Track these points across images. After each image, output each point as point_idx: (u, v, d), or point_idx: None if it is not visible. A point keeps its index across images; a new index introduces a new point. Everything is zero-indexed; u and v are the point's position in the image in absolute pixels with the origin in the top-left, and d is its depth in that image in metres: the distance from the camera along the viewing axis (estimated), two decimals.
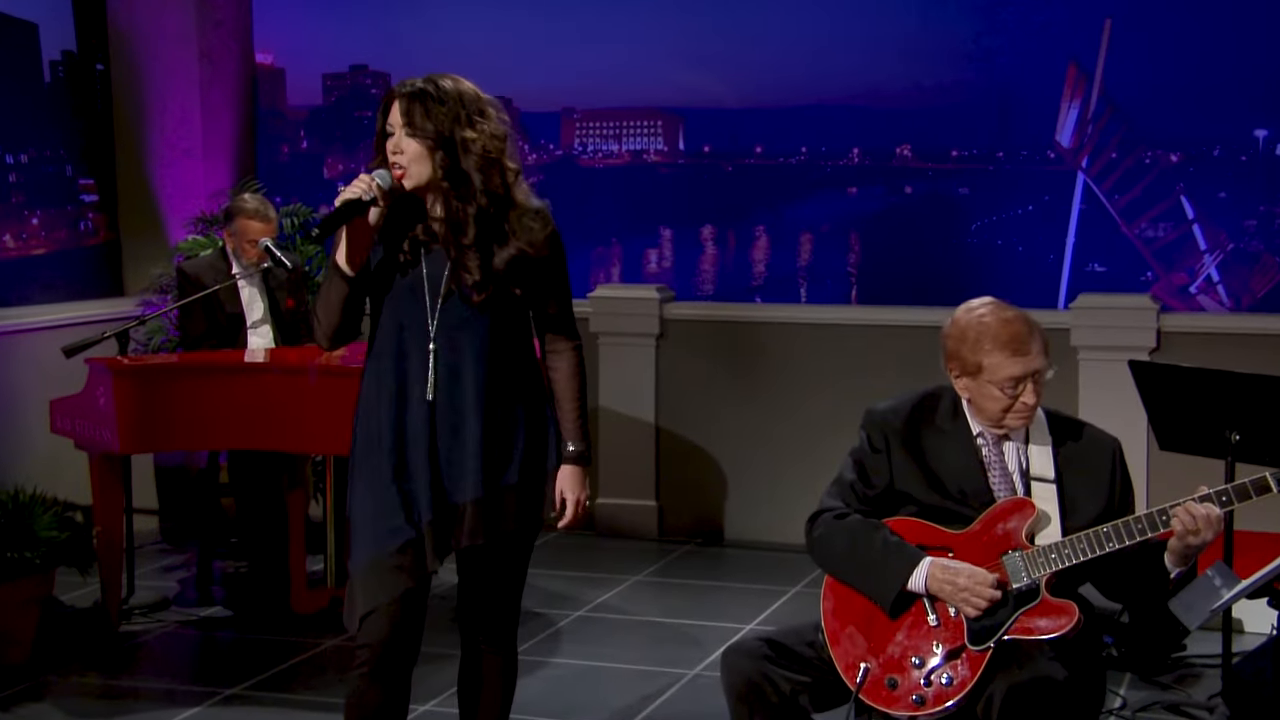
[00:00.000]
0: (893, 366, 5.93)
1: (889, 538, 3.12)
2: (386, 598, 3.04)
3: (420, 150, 2.99)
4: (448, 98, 2.99)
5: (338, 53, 7.09)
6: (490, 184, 3.01)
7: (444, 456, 3.05)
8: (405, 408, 3.05)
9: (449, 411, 3.04)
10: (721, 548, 6.32)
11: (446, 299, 3.03)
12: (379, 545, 3.05)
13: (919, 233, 6.41)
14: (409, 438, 3.05)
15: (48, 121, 6.52)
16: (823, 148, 6.53)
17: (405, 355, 3.05)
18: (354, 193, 2.96)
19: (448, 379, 3.04)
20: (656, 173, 6.79)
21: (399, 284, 3.06)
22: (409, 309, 3.05)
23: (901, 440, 3.19)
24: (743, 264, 6.70)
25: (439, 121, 2.97)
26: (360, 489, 3.10)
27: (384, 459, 3.06)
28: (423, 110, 2.97)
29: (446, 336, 3.04)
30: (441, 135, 2.98)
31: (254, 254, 5.41)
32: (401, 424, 3.05)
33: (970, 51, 6.30)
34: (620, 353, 6.44)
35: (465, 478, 3.05)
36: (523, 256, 3.05)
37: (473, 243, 3.01)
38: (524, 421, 3.11)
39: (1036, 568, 3.04)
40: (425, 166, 3.00)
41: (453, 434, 3.04)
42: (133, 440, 4.80)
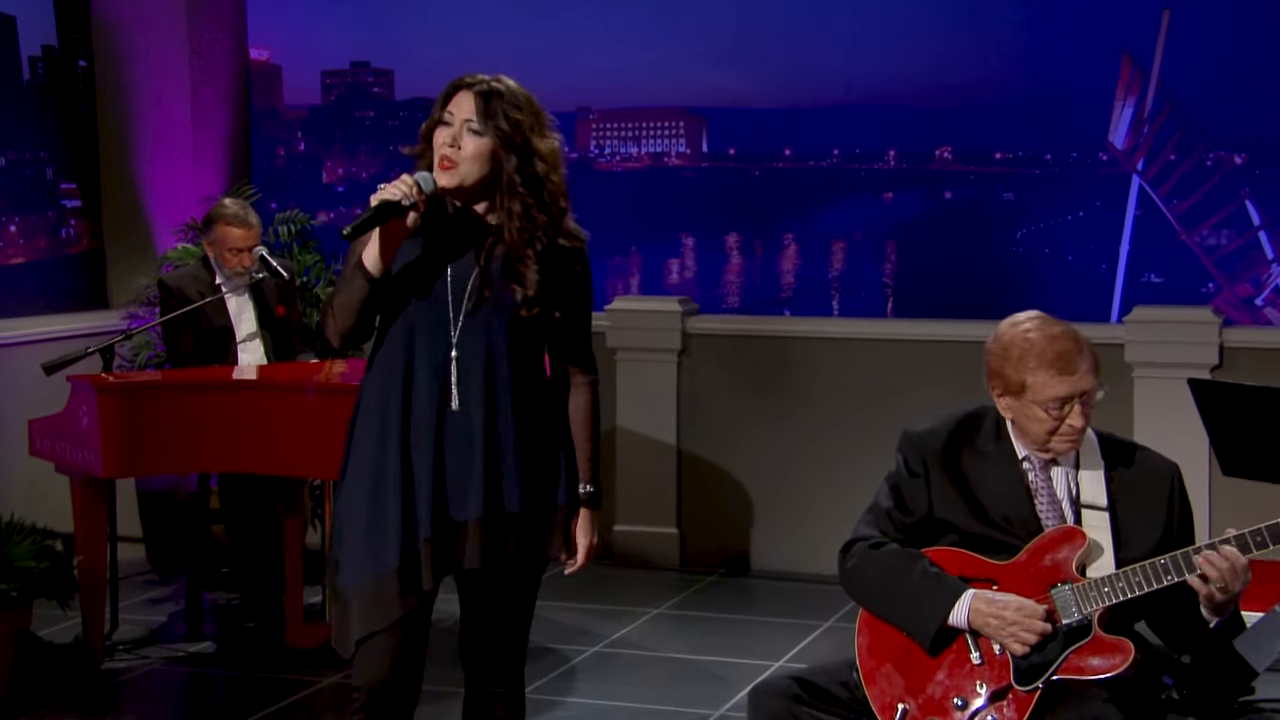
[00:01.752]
0: (931, 385, 5.93)
1: (928, 568, 3.12)
2: (383, 623, 3.05)
3: (483, 149, 3.03)
4: (523, 102, 3.06)
5: (337, 48, 7.13)
6: (558, 200, 3.07)
7: (450, 472, 3.07)
8: (413, 415, 3.07)
9: (460, 424, 3.07)
10: (748, 579, 6.32)
11: (475, 306, 3.07)
12: (376, 564, 3.06)
13: (960, 241, 6.41)
14: (414, 449, 3.07)
15: (27, 121, 6.56)
16: (856, 150, 6.54)
17: (420, 361, 3.08)
18: (393, 194, 2.99)
19: (466, 389, 3.06)
20: (678, 177, 6.81)
21: (420, 287, 3.08)
22: (428, 313, 3.08)
23: (941, 464, 3.20)
24: (770, 274, 6.71)
25: (514, 124, 3.03)
26: (355, 498, 3.11)
27: (385, 469, 3.07)
28: (500, 109, 3.03)
29: (467, 345, 3.07)
30: (514, 139, 3.03)
31: (234, 263, 5.45)
32: (406, 431, 3.07)
33: (1016, 45, 6.31)
34: (639, 369, 6.46)
35: (469, 495, 3.06)
36: (560, 281, 3.10)
37: (538, 255, 3.05)
38: (536, 449, 3.13)
39: (1088, 602, 3.05)
40: (482, 167, 3.04)
41: (461, 449, 3.07)
42: (118, 463, 4.83)
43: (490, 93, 3.04)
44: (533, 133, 3.05)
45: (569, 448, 3.19)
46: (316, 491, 5.98)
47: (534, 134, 3.05)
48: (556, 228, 3.08)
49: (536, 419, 3.13)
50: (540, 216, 3.05)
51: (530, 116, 3.06)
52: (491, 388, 3.07)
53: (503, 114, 3.02)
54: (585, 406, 3.20)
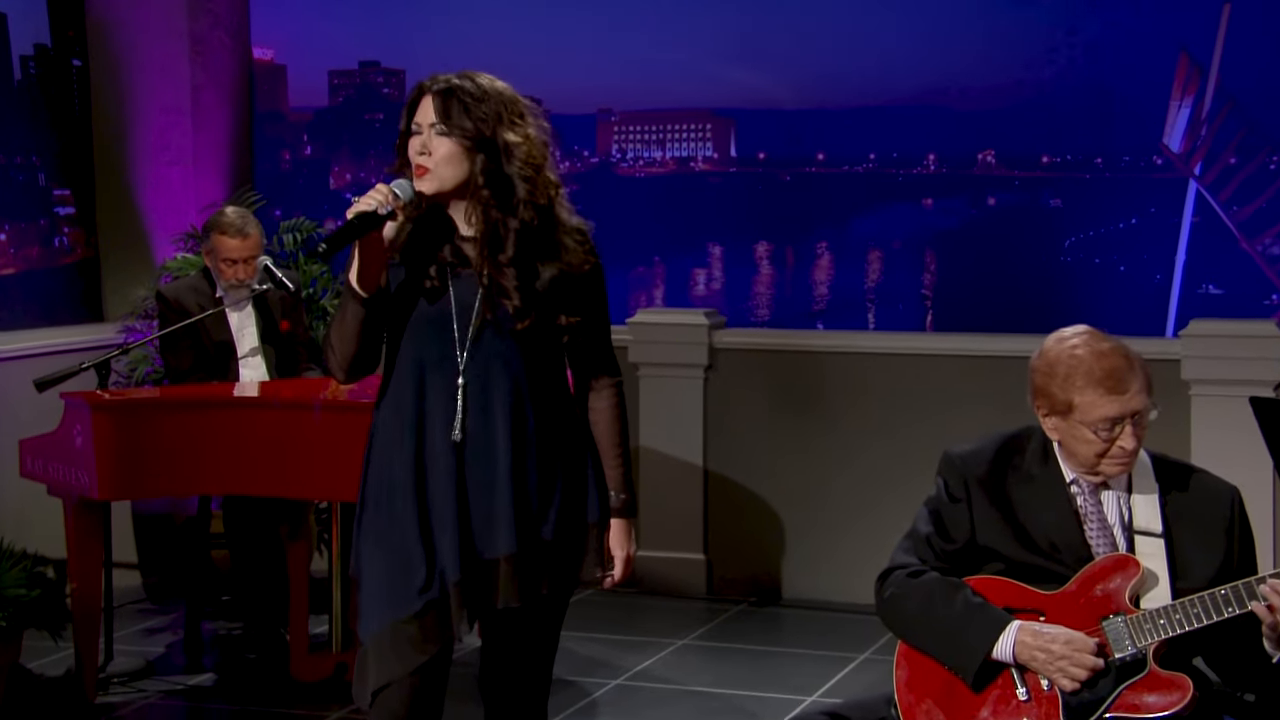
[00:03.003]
0: (973, 403, 5.92)
1: (971, 599, 3.12)
2: (404, 670, 3.05)
3: (453, 151, 3.02)
4: (487, 95, 3.03)
5: (345, 48, 7.16)
6: (534, 196, 3.04)
7: (474, 506, 3.06)
8: (427, 450, 3.07)
9: (479, 455, 3.06)
10: (779, 608, 6.32)
11: (479, 329, 3.06)
12: (396, 609, 3.05)
13: (1004, 250, 6.40)
14: (431, 485, 3.06)
15: (18, 124, 6.59)
16: (894, 154, 6.54)
17: (428, 391, 3.07)
18: (367, 205, 2.98)
19: (478, 418, 3.06)
20: (705, 182, 6.82)
21: (422, 312, 3.08)
22: (434, 340, 3.07)
23: (984, 488, 3.19)
24: (802, 285, 6.71)
25: (479, 120, 3.01)
26: (371, 543, 3.11)
27: (402, 508, 3.07)
28: (460, 107, 3.01)
29: (477, 371, 3.06)
30: (482, 135, 3.01)
31: (230, 275, 5.47)
32: (422, 469, 3.07)
33: (1064, 43, 6.31)
34: (663, 386, 6.46)
35: (498, 530, 3.05)
36: (564, 280, 3.08)
37: (511, 260, 3.03)
38: (562, 468, 3.13)
39: (1143, 635, 3.04)
40: (457, 170, 3.03)
41: (483, 481, 3.06)
42: (114, 485, 4.85)
43: (449, 90, 3.03)
44: (501, 125, 3.02)
45: (596, 461, 3.18)
46: (323, 515, 5.99)
47: (502, 126, 3.02)
48: (547, 224, 3.05)
49: (561, 438, 3.13)
50: (509, 219, 3.02)
51: (497, 108, 3.02)
52: (508, 413, 3.06)
53: (464, 111, 3.01)
54: (610, 410, 3.19)
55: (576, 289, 3.11)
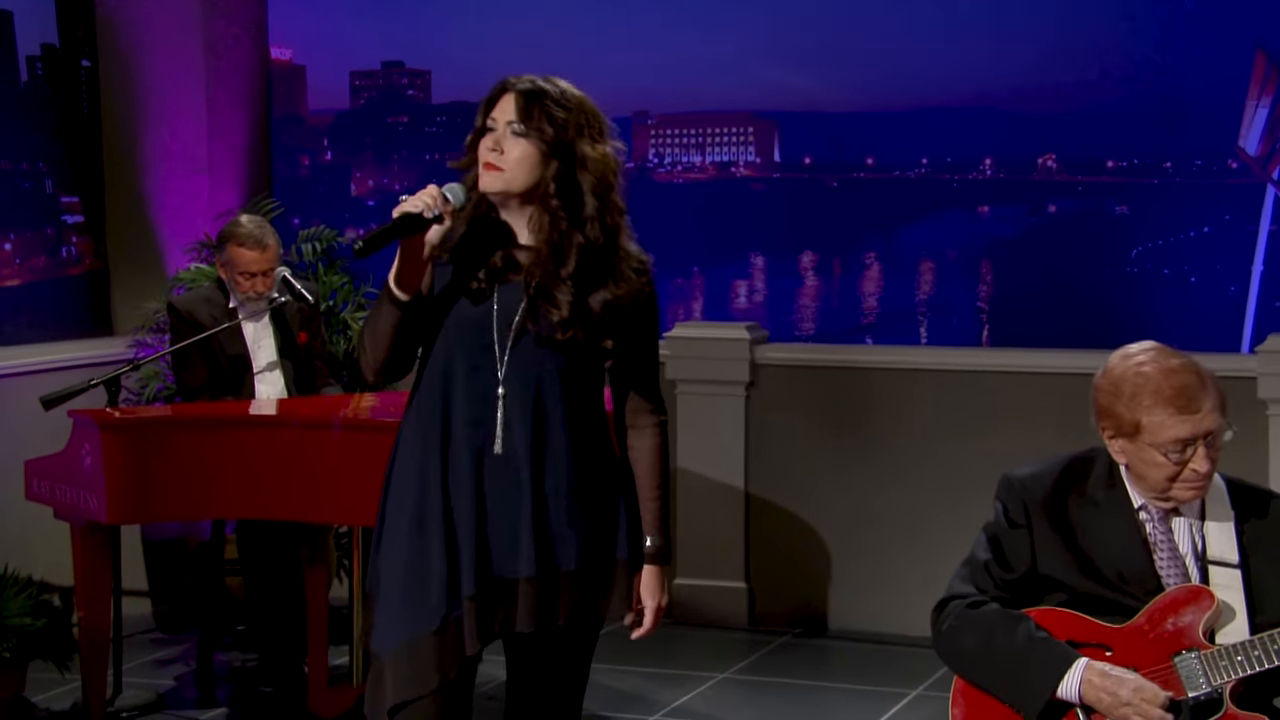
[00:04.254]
0: (1033, 424, 5.90)
1: (1034, 632, 3.11)
2: (422, 690, 3.06)
3: (528, 153, 3.06)
4: (571, 103, 3.09)
5: (368, 47, 7.18)
6: (603, 214, 3.07)
7: (497, 522, 3.08)
8: (454, 460, 3.09)
9: (508, 470, 3.08)
10: (825, 640, 6.30)
11: (519, 339, 3.08)
12: (413, 625, 3.07)
13: (1066, 260, 6.38)
14: (456, 496, 3.09)
15: (24, 128, 6.62)
16: (948, 158, 6.52)
17: (462, 398, 3.09)
18: (414, 206, 3.01)
19: (512, 432, 3.08)
20: (747, 189, 6.82)
21: (462, 316, 3.10)
22: (472, 346, 3.09)
23: (1046, 514, 3.19)
24: (850, 298, 6.70)
25: (559, 126, 3.06)
26: (390, 554, 3.12)
27: (426, 519, 3.08)
28: (542, 109, 3.06)
29: (515, 382, 3.08)
30: (560, 142, 3.06)
31: (247, 288, 5.49)
32: (446, 479, 3.09)
33: (1131, 39, 6.28)
34: (703, 404, 6.46)
35: (517, 550, 3.07)
36: (616, 308, 3.10)
37: (570, 276, 3.06)
38: (592, 497, 3.13)
39: (1218, 672, 3.02)
40: (528, 173, 3.06)
41: (508, 497, 3.08)
42: (124, 508, 4.86)
43: (533, 92, 3.07)
44: (581, 137, 3.07)
45: (631, 496, 3.19)
46: (343, 540, 6.01)
47: (582, 138, 3.07)
48: (610, 248, 3.09)
49: (593, 463, 3.14)
50: (575, 234, 3.06)
51: (579, 118, 3.08)
52: (541, 429, 3.08)
53: (545, 115, 3.05)
54: (652, 450, 3.20)
55: (627, 318, 3.12)
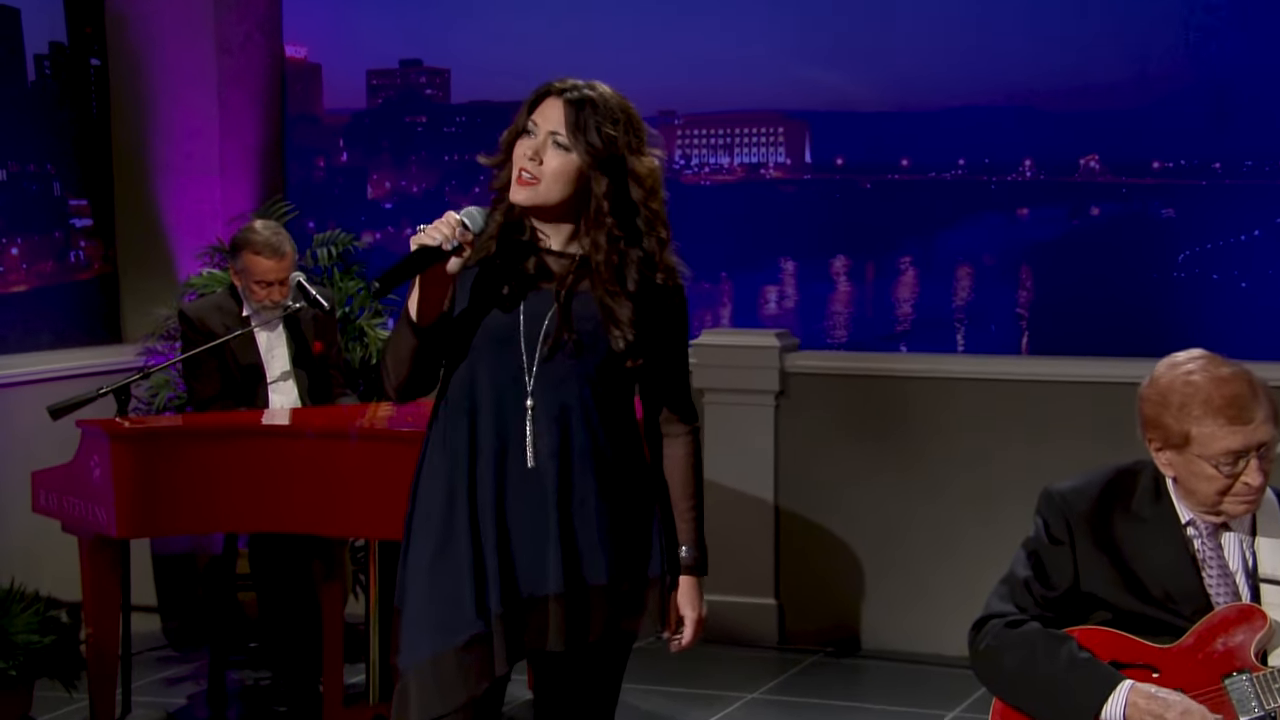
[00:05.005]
0: (1075, 435, 5.88)
1: (1076, 652, 3.11)
2: (447, 707, 3.07)
3: (570, 167, 3.05)
4: (619, 115, 3.07)
5: (385, 45, 7.20)
6: (656, 229, 3.08)
7: (523, 537, 3.09)
8: (481, 475, 3.10)
9: (533, 484, 3.09)
10: (858, 659, 6.29)
11: (550, 351, 3.09)
12: (440, 640, 3.07)
13: (1109, 265, 6.37)
14: (484, 512, 3.10)
15: (31, 129, 6.65)
16: (985, 159, 6.51)
17: (490, 412, 3.10)
18: (431, 239, 3.00)
19: (542, 444, 3.09)
20: (777, 191, 6.81)
21: (488, 328, 3.11)
22: (500, 357, 3.10)
23: (1089, 529, 3.18)
24: (884, 304, 6.69)
25: (608, 140, 3.04)
26: (418, 569, 3.13)
27: (454, 534, 3.09)
28: (592, 122, 3.05)
29: (544, 394, 3.09)
30: (611, 156, 3.05)
31: (262, 297, 5.49)
32: (474, 493, 3.10)
33: (1177, 34, 6.26)
34: (731, 414, 6.45)
35: (547, 567, 3.08)
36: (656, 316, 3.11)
37: (633, 295, 3.07)
38: (624, 512, 3.14)
39: (1271, 695, 3.01)
40: (565, 187, 3.06)
41: (534, 511, 3.09)
42: (134, 521, 4.87)
43: (583, 101, 3.06)
44: (630, 151, 3.06)
45: (665, 508, 3.20)
46: (359, 554, 6.01)
47: (631, 153, 3.07)
48: (653, 263, 3.10)
49: (624, 474, 3.15)
50: (633, 251, 3.07)
51: (628, 132, 3.07)
52: (568, 442, 3.09)
53: (595, 128, 3.04)
54: (686, 459, 3.22)
55: (662, 330, 3.14)
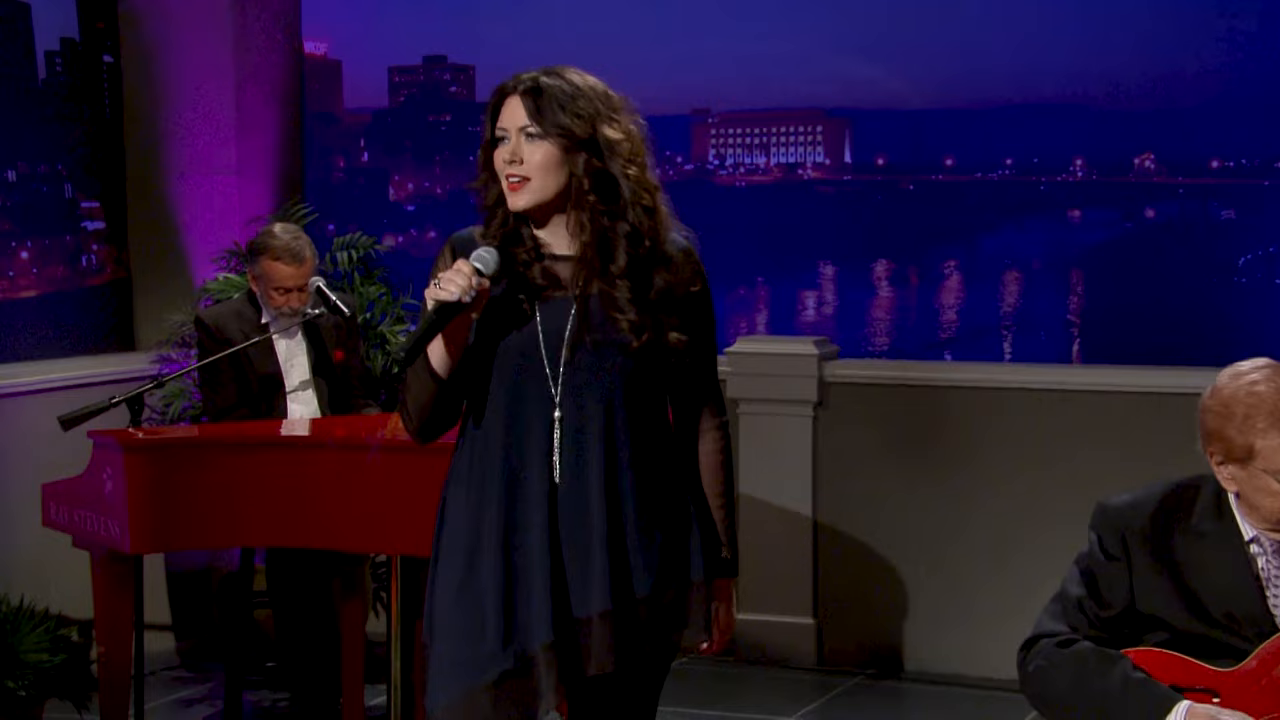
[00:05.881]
0: (1131, 448, 5.86)
1: (1131, 674, 3.10)
2: None
3: (551, 155, 3.06)
4: (580, 90, 3.07)
5: (407, 41, 7.22)
6: (640, 198, 3.08)
7: (568, 557, 3.08)
8: (515, 494, 3.09)
9: (574, 499, 3.08)
10: (899, 681, 6.28)
11: (573, 357, 3.08)
12: (473, 674, 3.06)
13: (1165, 270, 6.35)
14: (518, 533, 3.08)
15: (42, 128, 6.66)
16: (1035, 159, 6.50)
17: (515, 427, 3.10)
18: (449, 293, 3.00)
19: (573, 457, 3.08)
20: (815, 192, 6.81)
21: (508, 341, 3.11)
22: (521, 371, 3.10)
23: (1146, 546, 3.17)
24: (927, 310, 6.68)
25: (575, 117, 3.05)
26: (447, 600, 3.12)
27: (484, 560, 3.09)
28: (554, 104, 3.05)
29: (572, 405, 3.09)
30: (579, 135, 3.05)
31: (281, 303, 5.50)
32: (509, 514, 3.09)
33: (1236, 27, 6.24)
34: (767, 425, 6.44)
35: (591, 585, 3.07)
36: (671, 294, 3.11)
37: (624, 271, 3.07)
38: (663, 517, 3.14)
39: None
40: (556, 176, 3.07)
41: (578, 528, 3.08)
42: (147, 535, 4.88)
43: (536, 89, 3.07)
44: (600, 120, 3.06)
45: (703, 509, 3.19)
46: (380, 570, 6.00)
47: (601, 121, 3.06)
48: (639, 235, 3.09)
49: (662, 481, 3.14)
50: (620, 224, 3.07)
51: (592, 102, 3.07)
52: (610, 450, 3.08)
53: (557, 107, 3.05)
54: (715, 454, 3.21)
55: (683, 309, 3.13)
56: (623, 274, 3.07)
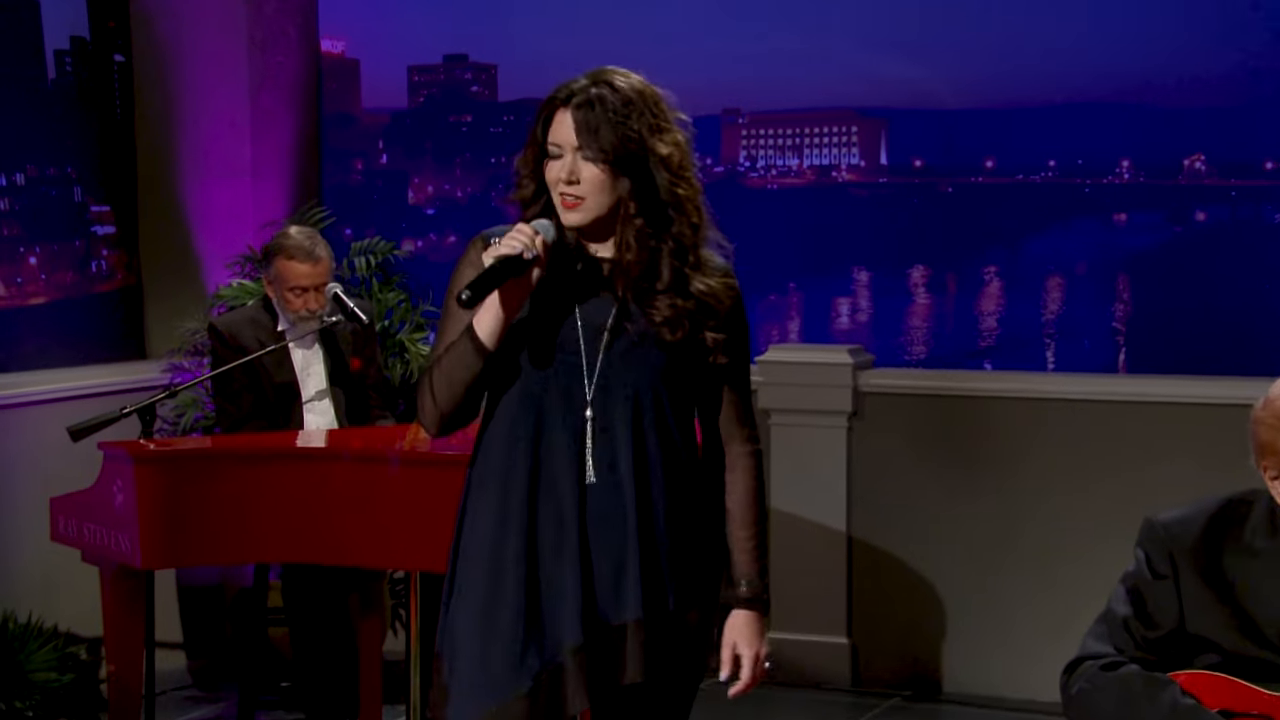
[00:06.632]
0: (1178, 460, 5.85)
1: (1180, 698, 3.09)
2: None
3: (604, 176, 3.06)
4: (632, 103, 3.07)
5: (428, 40, 7.24)
6: (687, 212, 3.09)
7: (599, 562, 3.08)
8: (542, 496, 3.10)
9: (606, 503, 3.08)
10: (938, 703, 6.28)
11: (610, 357, 3.10)
12: (497, 691, 3.05)
13: (1216, 275, 6.33)
14: (545, 537, 3.09)
15: (50, 130, 6.68)
16: (1079, 160, 6.49)
17: (549, 424, 3.11)
18: (512, 248, 3.02)
19: (607, 459, 3.09)
20: (850, 195, 6.80)
21: (542, 337, 3.12)
22: (555, 369, 3.11)
23: (1196, 564, 3.16)
24: (967, 318, 6.67)
25: (626, 137, 3.05)
26: (466, 609, 3.12)
27: (508, 566, 3.08)
28: (607, 123, 3.05)
29: (605, 405, 3.10)
30: (630, 152, 3.05)
31: (298, 305, 5.51)
32: (534, 518, 3.09)
33: None
34: (800, 436, 6.43)
35: (625, 590, 3.07)
36: (708, 303, 3.11)
37: (667, 287, 3.08)
38: (695, 527, 3.15)
39: None
40: (609, 195, 3.08)
41: (610, 530, 3.08)
42: (159, 550, 4.89)
43: (589, 104, 3.06)
44: (652, 135, 3.07)
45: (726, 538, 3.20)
46: (399, 587, 6.01)
47: (651, 135, 3.07)
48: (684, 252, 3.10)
49: (692, 491, 3.15)
50: (665, 245, 3.08)
51: (643, 116, 3.07)
52: (640, 454, 3.09)
53: (609, 127, 3.05)
54: (745, 483, 3.21)
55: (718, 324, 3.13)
56: (666, 288, 3.08)
